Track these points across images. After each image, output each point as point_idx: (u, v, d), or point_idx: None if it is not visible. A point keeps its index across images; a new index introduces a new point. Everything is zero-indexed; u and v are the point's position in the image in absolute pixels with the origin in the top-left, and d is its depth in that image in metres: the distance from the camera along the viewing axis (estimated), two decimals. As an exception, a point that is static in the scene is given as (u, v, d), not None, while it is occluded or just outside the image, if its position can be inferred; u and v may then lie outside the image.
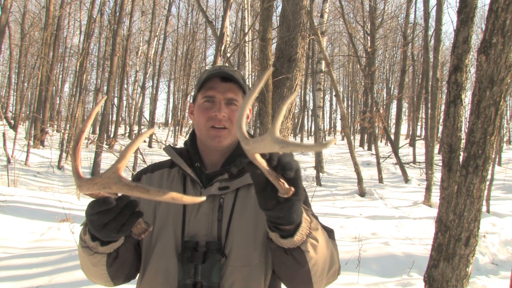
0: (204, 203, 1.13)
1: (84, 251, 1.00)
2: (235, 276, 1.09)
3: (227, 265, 1.09)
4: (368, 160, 16.48)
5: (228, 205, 1.15)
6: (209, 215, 1.13)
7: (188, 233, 1.11)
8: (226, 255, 1.10)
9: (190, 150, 1.23)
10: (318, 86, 12.24)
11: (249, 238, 1.12)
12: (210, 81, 1.18)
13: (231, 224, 1.13)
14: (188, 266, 1.06)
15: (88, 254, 0.99)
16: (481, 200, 2.40)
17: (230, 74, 1.16)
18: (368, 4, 14.67)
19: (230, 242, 1.11)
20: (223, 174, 1.17)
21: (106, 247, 0.96)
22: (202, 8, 6.08)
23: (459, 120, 2.53)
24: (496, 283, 4.12)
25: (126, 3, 12.81)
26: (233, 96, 1.17)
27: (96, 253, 0.98)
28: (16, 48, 23.93)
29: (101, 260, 1.01)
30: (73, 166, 0.81)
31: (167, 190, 0.74)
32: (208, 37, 25.83)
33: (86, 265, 1.07)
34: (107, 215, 0.84)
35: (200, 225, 1.12)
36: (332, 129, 39.22)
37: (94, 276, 1.10)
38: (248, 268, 1.11)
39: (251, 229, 1.13)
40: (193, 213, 1.13)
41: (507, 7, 2.19)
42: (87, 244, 0.98)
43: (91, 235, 0.95)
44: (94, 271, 1.06)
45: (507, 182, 11.94)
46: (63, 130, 13.40)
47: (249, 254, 1.11)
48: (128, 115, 23.72)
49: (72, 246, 4.51)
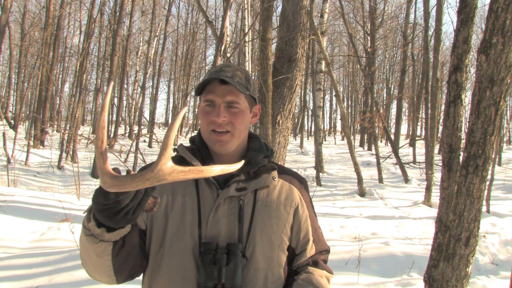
0: (222, 204, 1.13)
1: (88, 239, 0.94)
2: (256, 279, 1.10)
3: (248, 267, 1.10)
4: (368, 160, 16.48)
5: (248, 206, 1.14)
6: (229, 216, 1.12)
7: (207, 234, 1.10)
8: (247, 257, 1.10)
9: (201, 150, 1.21)
10: (318, 86, 12.24)
11: (270, 241, 1.14)
12: (210, 84, 1.16)
13: (252, 226, 1.12)
14: (210, 268, 1.04)
15: (92, 243, 0.93)
16: (481, 200, 2.40)
17: (228, 77, 1.13)
18: (368, 4, 14.67)
19: (252, 244, 1.11)
20: (239, 175, 1.16)
21: (112, 234, 0.92)
22: (202, 8, 6.08)
23: (459, 120, 2.53)
24: (496, 283, 4.12)
25: (126, 3, 12.81)
26: (233, 99, 1.14)
27: (102, 241, 0.93)
28: (16, 48, 23.93)
29: (107, 248, 0.95)
30: (100, 167, 0.78)
31: (209, 165, 0.82)
32: (208, 37, 25.84)
33: (89, 257, 1.00)
34: (125, 201, 0.82)
35: (220, 226, 1.11)
36: (332, 129, 39.21)
37: (96, 270, 1.03)
38: (268, 271, 1.12)
39: (271, 232, 1.14)
40: (211, 214, 1.11)
41: (507, 7, 2.19)
42: (91, 231, 0.92)
43: (96, 221, 0.90)
44: (98, 263, 0.99)
45: (507, 182, 11.94)
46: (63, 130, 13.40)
47: (270, 256, 1.13)
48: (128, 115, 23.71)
49: (72, 246, 4.51)
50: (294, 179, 1.26)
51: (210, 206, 1.12)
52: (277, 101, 4.83)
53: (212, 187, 1.15)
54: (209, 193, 1.14)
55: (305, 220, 1.22)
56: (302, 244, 1.21)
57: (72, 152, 12.57)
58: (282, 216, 1.17)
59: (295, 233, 1.20)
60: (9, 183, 8.16)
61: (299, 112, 29.34)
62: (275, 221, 1.15)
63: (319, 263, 1.22)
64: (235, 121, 1.14)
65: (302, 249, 1.21)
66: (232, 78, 1.13)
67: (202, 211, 1.12)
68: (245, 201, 1.14)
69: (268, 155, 1.24)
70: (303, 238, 1.21)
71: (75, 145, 12.25)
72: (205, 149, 1.20)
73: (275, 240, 1.14)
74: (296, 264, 1.20)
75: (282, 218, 1.17)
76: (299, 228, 1.20)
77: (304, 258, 1.20)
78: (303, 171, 14.09)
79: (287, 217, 1.18)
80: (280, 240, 1.15)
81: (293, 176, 1.27)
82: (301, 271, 1.19)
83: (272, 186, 1.19)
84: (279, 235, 1.15)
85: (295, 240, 1.20)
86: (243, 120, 1.17)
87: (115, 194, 0.81)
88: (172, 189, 1.14)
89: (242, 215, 1.12)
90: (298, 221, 1.20)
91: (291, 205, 1.20)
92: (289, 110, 4.91)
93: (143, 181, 0.75)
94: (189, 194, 1.14)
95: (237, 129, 1.15)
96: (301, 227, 1.21)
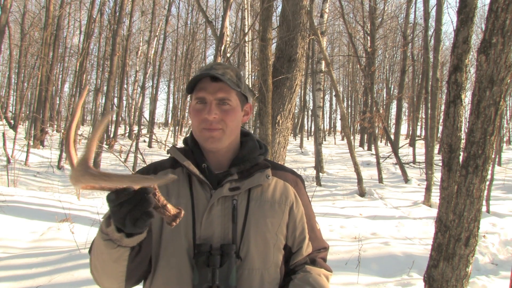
0: (216, 205, 1.11)
1: (106, 244, 0.92)
2: (252, 279, 1.09)
3: (243, 268, 1.09)
4: (368, 160, 16.47)
5: (242, 206, 1.13)
6: (223, 217, 1.11)
7: (201, 236, 1.09)
8: (242, 258, 1.09)
9: (194, 151, 1.20)
10: (318, 86, 12.24)
11: (265, 241, 1.12)
12: (201, 82, 1.15)
13: (246, 226, 1.11)
14: (205, 270, 1.04)
15: (110, 248, 0.92)
16: (481, 200, 2.40)
17: (219, 74, 1.12)
18: (368, 4, 14.66)
19: (246, 244, 1.10)
20: (232, 175, 1.15)
21: (131, 240, 0.91)
22: (202, 8, 6.09)
23: (459, 120, 2.53)
24: (496, 283, 4.12)
25: (126, 3, 12.81)
26: (224, 96, 1.13)
27: (119, 246, 0.92)
28: (16, 48, 23.90)
29: (124, 254, 0.94)
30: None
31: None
32: (208, 37, 25.82)
33: (103, 263, 0.98)
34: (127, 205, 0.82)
35: (214, 227, 1.10)
36: (332, 129, 39.21)
37: (108, 276, 1.02)
38: (264, 271, 1.11)
39: (266, 232, 1.13)
40: (205, 215, 1.10)
41: (507, 7, 2.19)
42: (110, 236, 0.91)
43: (116, 226, 0.90)
44: (112, 268, 0.98)
45: (507, 182, 11.94)
46: (63, 130, 13.39)
47: (265, 256, 1.12)
48: (128, 115, 23.71)
49: (72, 246, 4.51)
50: (288, 176, 1.24)
51: (204, 207, 1.11)
52: (277, 101, 4.84)
53: (206, 188, 1.13)
54: (203, 193, 1.13)
55: (301, 218, 1.20)
56: (298, 242, 1.19)
57: (72, 152, 12.54)
58: (277, 214, 1.16)
59: (290, 231, 1.18)
60: (9, 183, 8.16)
61: (299, 112, 29.34)
62: (270, 220, 1.14)
63: (317, 261, 1.21)
64: (226, 118, 1.13)
65: (298, 247, 1.19)
66: (223, 75, 1.12)
67: (196, 212, 1.11)
68: (239, 200, 1.13)
69: (262, 152, 1.23)
70: (298, 236, 1.19)
71: (75, 145, 12.22)
72: (197, 149, 1.19)
73: (270, 239, 1.13)
74: (293, 263, 1.19)
75: (277, 216, 1.16)
76: (294, 226, 1.19)
77: (301, 256, 1.19)
78: (303, 171, 14.09)
79: (282, 216, 1.16)
80: (275, 239, 1.14)
81: (288, 173, 1.26)
82: (298, 270, 1.17)
83: (266, 185, 1.18)
84: (274, 234, 1.14)
85: (291, 239, 1.19)
86: (235, 117, 1.16)
87: (115, 195, 0.82)
88: (167, 191, 1.13)
89: (236, 215, 1.11)
90: (293, 219, 1.19)
91: (286, 203, 1.18)
92: (289, 110, 4.91)
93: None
94: (183, 196, 1.13)
95: (228, 126, 1.14)
96: (297, 225, 1.19)
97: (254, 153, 1.21)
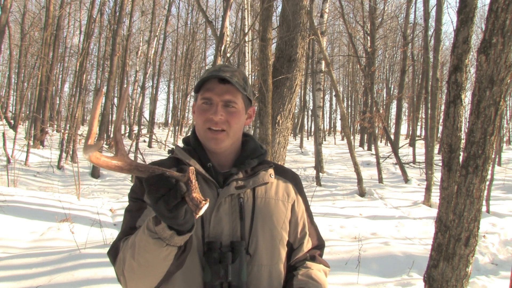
0: (223, 203, 1.14)
1: (155, 243, 0.92)
2: (261, 275, 1.13)
3: (252, 264, 1.12)
4: (368, 160, 16.47)
5: (248, 204, 1.16)
6: (231, 214, 1.14)
7: (210, 233, 1.11)
8: (251, 254, 1.13)
9: (198, 150, 1.22)
10: (318, 86, 12.23)
11: (272, 237, 1.17)
12: (209, 82, 1.17)
13: (253, 223, 1.15)
14: (217, 267, 1.06)
15: (159, 247, 0.92)
16: (481, 200, 2.40)
17: (227, 76, 1.15)
18: (368, 4, 14.66)
19: (254, 241, 1.14)
20: (237, 174, 1.18)
21: (182, 237, 0.92)
22: (202, 8, 6.09)
23: (459, 120, 2.53)
24: (496, 283, 4.12)
25: (126, 3, 12.80)
26: (230, 98, 1.16)
27: (168, 245, 0.92)
28: (16, 48, 23.89)
29: (172, 252, 0.94)
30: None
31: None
32: (208, 37, 25.78)
33: (146, 262, 0.96)
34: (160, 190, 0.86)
35: (222, 225, 1.12)
36: (332, 129, 39.19)
37: (146, 276, 0.99)
38: (272, 267, 1.15)
39: (272, 228, 1.17)
40: (213, 213, 1.12)
41: (507, 7, 2.19)
42: (159, 235, 0.91)
43: (168, 226, 0.90)
44: (155, 268, 0.97)
45: (507, 182, 11.93)
46: (63, 130, 13.38)
47: (272, 252, 1.16)
48: (128, 115, 23.70)
49: (72, 246, 4.51)
50: (288, 175, 1.30)
51: (212, 205, 1.13)
52: (277, 101, 4.84)
53: (212, 186, 1.16)
54: (209, 192, 1.15)
55: (302, 214, 1.26)
56: (299, 238, 1.24)
57: (72, 152, 12.58)
58: (281, 211, 1.20)
59: (293, 228, 1.24)
60: (9, 183, 8.16)
61: (299, 112, 29.32)
62: (275, 217, 1.18)
63: (316, 257, 1.25)
64: (231, 120, 1.16)
65: (299, 243, 1.24)
66: (231, 78, 1.15)
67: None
68: (245, 198, 1.16)
69: (262, 153, 1.27)
70: (300, 232, 1.24)
71: (75, 145, 12.24)
72: (201, 149, 1.22)
73: (276, 235, 1.17)
74: (294, 259, 1.24)
75: (281, 213, 1.20)
76: (296, 222, 1.24)
77: (302, 252, 1.24)
78: (303, 171, 14.09)
79: (285, 213, 1.21)
80: (280, 235, 1.19)
81: (288, 172, 1.31)
82: (299, 266, 1.22)
83: (270, 183, 1.22)
84: (279, 231, 1.18)
85: (293, 235, 1.24)
86: (239, 120, 1.19)
87: (157, 189, 0.86)
88: None
89: (243, 212, 1.14)
90: (295, 216, 1.24)
91: (289, 201, 1.23)
92: (289, 110, 4.91)
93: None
94: None
95: (232, 128, 1.17)
96: (298, 222, 1.24)
97: (256, 153, 1.25)
